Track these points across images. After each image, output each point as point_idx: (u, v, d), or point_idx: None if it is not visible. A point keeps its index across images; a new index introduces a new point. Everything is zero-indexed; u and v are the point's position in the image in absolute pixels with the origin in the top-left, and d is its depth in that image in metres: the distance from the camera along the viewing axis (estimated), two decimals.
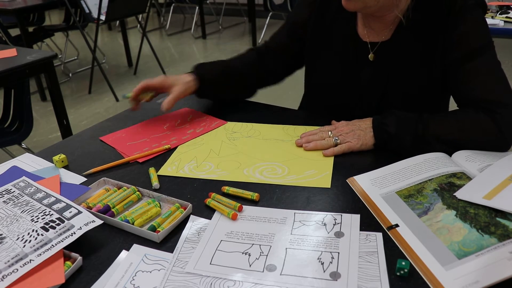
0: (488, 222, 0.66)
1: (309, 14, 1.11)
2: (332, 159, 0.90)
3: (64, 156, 0.93)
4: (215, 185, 0.83)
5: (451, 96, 1.04)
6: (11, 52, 1.95)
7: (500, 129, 0.87)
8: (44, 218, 0.71)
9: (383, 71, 1.03)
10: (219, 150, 0.96)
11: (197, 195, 0.81)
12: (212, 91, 1.14)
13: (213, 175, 0.87)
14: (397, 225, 0.70)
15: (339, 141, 0.92)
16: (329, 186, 0.81)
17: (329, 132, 0.95)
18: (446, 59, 0.96)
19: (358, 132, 0.93)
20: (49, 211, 0.72)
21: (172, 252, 0.68)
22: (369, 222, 0.72)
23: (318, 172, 0.86)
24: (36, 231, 0.68)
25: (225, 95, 1.18)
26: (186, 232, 0.72)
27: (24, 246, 0.65)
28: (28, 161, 0.94)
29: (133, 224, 0.72)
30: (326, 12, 1.08)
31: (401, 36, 1.00)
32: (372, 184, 0.80)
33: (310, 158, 0.91)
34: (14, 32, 3.42)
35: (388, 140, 0.90)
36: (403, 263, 0.61)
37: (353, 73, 1.07)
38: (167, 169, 0.90)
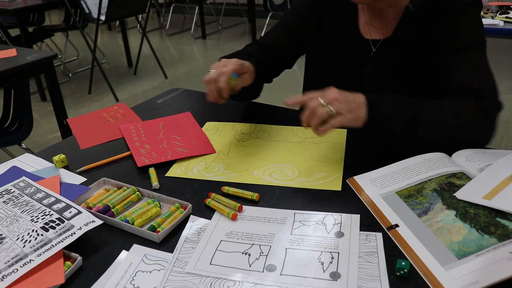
0: (488, 222, 0.66)
1: (309, 12, 1.11)
2: (342, 161, 0.89)
3: (64, 156, 0.93)
4: (215, 185, 0.83)
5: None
6: (11, 52, 1.95)
7: (488, 116, 0.88)
8: (44, 218, 0.71)
9: (385, 67, 1.04)
10: (228, 152, 0.96)
11: (197, 195, 0.81)
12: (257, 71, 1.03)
13: (222, 177, 0.87)
14: (397, 225, 0.70)
15: (334, 111, 0.81)
16: (340, 189, 0.81)
17: (321, 100, 0.82)
18: (442, 50, 0.98)
19: (352, 104, 0.83)
20: (49, 211, 0.72)
21: (172, 252, 0.68)
22: (369, 222, 0.72)
23: (328, 174, 0.85)
24: (36, 231, 0.68)
25: (264, 77, 1.08)
26: (186, 232, 0.72)
27: (24, 246, 0.65)
28: (28, 161, 0.94)
29: (133, 224, 0.72)
30: (328, 11, 1.09)
31: (402, 32, 1.01)
32: (372, 184, 0.80)
33: (320, 160, 0.91)
34: (14, 32, 3.42)
35: (380, 121, 0.84)
36: (403, 263, 0.61)
37: (355, 70, 1.07)
38: (176, 170, 0.90)
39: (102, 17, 3.54)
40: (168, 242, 0.70)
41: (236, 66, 0.92)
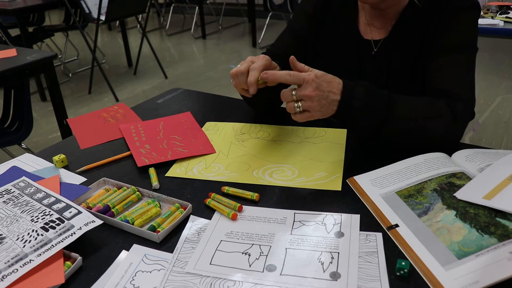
0: (488, 222, 0.66)
1: (313, 13, 1.11)
2: (342, 161, 0.89)
3: (64, 156, 0.93)
4: (215, 185, 0.83)
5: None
6: (11, 52, 1.95)
7: (455, 118, 0.88)
8: (44, 218, 0.71)
9: (385, 67, 1.04)
10: (228, 152, 0.96)
11: (197, 195, 0.81)
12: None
13: (222, 176, 0.87)
14: (397, 225, 0.70)
15: (301, 109, 0.81)
16: (340, 189, 0.81)
17: (293, 94, 0.82)
18: (431, 47, 0.98)
19: (323, 102, 0.81)
20: (49, 211, 0.72)
21: (172, 252, 0.68)
22: (369, 222, 0.72)
23: (328, 174, 0.85)
24: (36, 231, 0.68)
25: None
26: (186, 232, 0.72)
27: (24, 246, 0.65)
28: (28, 161, 0.94)
29: (133, 224, 0.73)
30: (328, 11, 1.09)
31: (399, 32, 1.02)
32: (372, 184, 0.80)
33: (320, 160, 0.91)
34: (14, 32, 3.42)
35: (346, 121, 0.85)
36: (403, 263, 0.61)
37: (355, 70, 1.07)
38: (176, 170, 0.90)
39: (102, 17, 3.54)
40: (168, 242, 0.70)
41: (265, 61, 0.90)
